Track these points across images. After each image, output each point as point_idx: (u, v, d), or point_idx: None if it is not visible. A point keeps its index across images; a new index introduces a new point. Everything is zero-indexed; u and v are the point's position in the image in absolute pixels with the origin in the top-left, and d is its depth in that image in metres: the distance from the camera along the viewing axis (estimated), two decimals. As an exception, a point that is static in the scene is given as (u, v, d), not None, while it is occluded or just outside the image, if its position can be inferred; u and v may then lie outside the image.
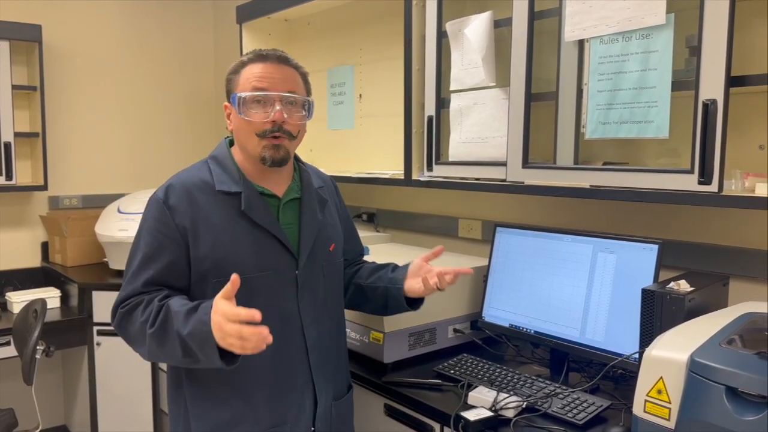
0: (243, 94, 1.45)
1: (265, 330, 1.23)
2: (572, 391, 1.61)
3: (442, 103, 2.14)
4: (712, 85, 1.43)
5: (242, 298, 1.42)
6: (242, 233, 1.45)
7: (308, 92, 1.56)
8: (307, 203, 1.57)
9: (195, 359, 1.34)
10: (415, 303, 1.67)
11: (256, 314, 1.23)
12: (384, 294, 1.65)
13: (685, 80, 1.54)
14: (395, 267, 1.71)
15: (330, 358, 1.57)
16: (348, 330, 1.95)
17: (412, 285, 1.61)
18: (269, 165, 1.47)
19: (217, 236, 1.44)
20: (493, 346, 2.03)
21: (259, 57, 1.48)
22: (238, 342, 1.24)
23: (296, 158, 1.64)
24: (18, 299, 3.04)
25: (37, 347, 2.51)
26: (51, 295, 3.14)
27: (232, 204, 1.46)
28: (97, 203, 3.64)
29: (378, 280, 1.68)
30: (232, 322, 1.23)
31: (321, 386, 1.53)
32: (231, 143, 1.57)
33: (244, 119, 1.45)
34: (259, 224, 1.47)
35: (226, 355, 1.29)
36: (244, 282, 1.42)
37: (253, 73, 1.46)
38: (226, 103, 1.53)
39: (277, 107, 1.44)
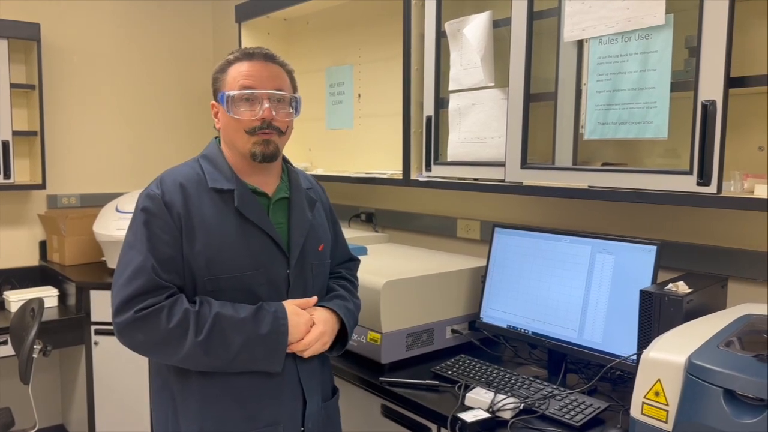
0: (231, 93, 1.46)
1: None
2: (570, 393, 1.60)
3: (441, 103, 2.14)
4: (711, 86, 1.42)
5: (234, 296, 1.44)
6: (235, 231, 1.45)
7: (294, 89, 1.56)
8: (296, 202, 1.57)
9: (245, 365, 1.41)
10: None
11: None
12: None
13: (684, 81, 1.54)
14: (335, 297, 1.65)
15: (316, 358, 1.57)
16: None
17: None
18: (260, 160, 1.48)
19: (211, 233, 1.43)
20: (491, 347, 2.03)
21: (246, 55, 1.49)
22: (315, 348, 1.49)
23: (284, 159, 1.64)
24: (15, 298, 3.03)
25: (35, 346, 2.51)
26: (48, 294, 3.13)
27: (224, 201, 1.46)
28: (95, 202, 3.63)
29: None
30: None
31: (309, 386, 1.53)
32: (220, 142, 1.57)
33: (233, 117, 1.46)
34: (251, 222, 1.47)
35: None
36: (237, 280, 1.44)
37: (240, 71, 1.48)
38: (213, 102, 1.54)
39: (266, 105, 1.45)
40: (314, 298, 1.54)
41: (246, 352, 1.40)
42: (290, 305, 1.48)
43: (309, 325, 1.49)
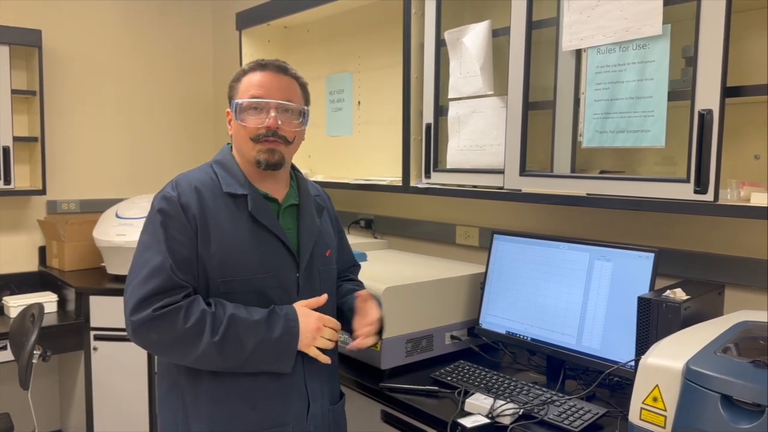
0: (240, 101, 1.51)
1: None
2: (568, 399, 1.62)
3: (441, 111, 2.16)
4: (708, 96, 1.44)
5: (247, 298, 1.47)
6: (247, 235, 1.48)
7: (306, 101, 1.61)
8: (305, 208, 1.61)
9: (255, 366, 1.44)
10: None
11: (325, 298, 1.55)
12: (346, 316, 1.67)
13: (681, 90, 1.56)
14: (353, 292, 1.70)
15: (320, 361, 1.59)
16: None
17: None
18: (264, 168, 1.51)
19: (225, 236, 1.46)
20: (490, 353, 2.04)
21: (259, 66, 1.54)
22: (328, 343, 1.51)
23: (293, 167, 1.66)
24: (15, 303, 3.04)
25: (34, 352, 2.51)
26: (48, 300, 3.13)
27: (237, 206, 1.50)
28: (95, 208, 3.64)
29: (343, 304, 1.71)
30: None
31: (312, 388, 1.56)
32: (232, 149, 1.60)
33: (240, 124, 1.51)
34: (264, 226, 1.50)
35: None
36: (249, 282, 1.47)
37: (252, 81, 1.52)
38: (228, 110, 1.58)
39: (272, 114, 1.49)
40: (324, 297, 1.55)
41: (259, 353, 1.43)
42: (300, 307, 1.51)
43: (319, 324, 1.50)
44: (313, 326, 1.49)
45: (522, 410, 1.57)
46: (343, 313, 1.69)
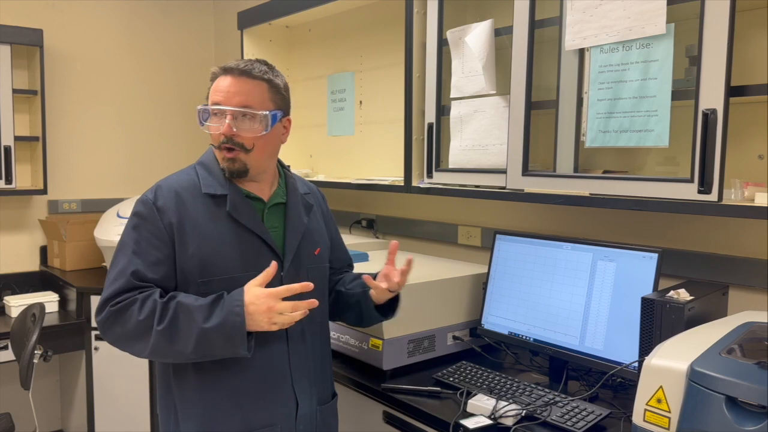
0: (200, 107, 1.51)
1: (314, 301, 1.42)
2: (571, 400, 1.61)
3: (443, 111, 2.15)
4: (712, 95, 1.43)
5: None
6: (228, 234, 1.48)
7: (279, 104, 1.53)
8: (292, 207, 1.60)
9: (208, 353, 1.39)
10: (387, 312, 1.65)
11: (308, 285, 1.42)
12: (358, 300, 1.65)
13: (685, 90, 1.55)
14: (374, 275, 1.65)
15: (311, 361, 1.58)
16: (347, 336, 1.96)
17: (378, 287, 1.58)
18: (228, 176, 1.51)
19: (203, 237, 1.46)
20: (492, 353, 2.03)
21: (224, 70, 1.51)
22: (288, 318, 1.39)
23: (282, 165, 1.66)
24: (16, 303, 3.04)
25: (35, 351, 2.51)
26: (49, 300, 3.13)
27: (218, 206, 1.50)
28: (96, 207, 3.64)
29: (356, 286, 1.67)
30: (281, 299, 1.39)
31: (301, 389, 1.55)
32: None
33: (205, 130, 1.52)
34: (243, 225, 1.50)
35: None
36: (230, 281, 1.47)
37: (217, 86, 1.51)
38: None
39: (227, 120, 1.46)
40: (298, 285, 1.43)
41: (206, 337, 1.37)
42: (250, 288, 1.41)
43: (269, 302, 1.39)
44: (263, 307, 1.38)
45: (525, 411, 1.56)
46: (351, 297, 1.65)
